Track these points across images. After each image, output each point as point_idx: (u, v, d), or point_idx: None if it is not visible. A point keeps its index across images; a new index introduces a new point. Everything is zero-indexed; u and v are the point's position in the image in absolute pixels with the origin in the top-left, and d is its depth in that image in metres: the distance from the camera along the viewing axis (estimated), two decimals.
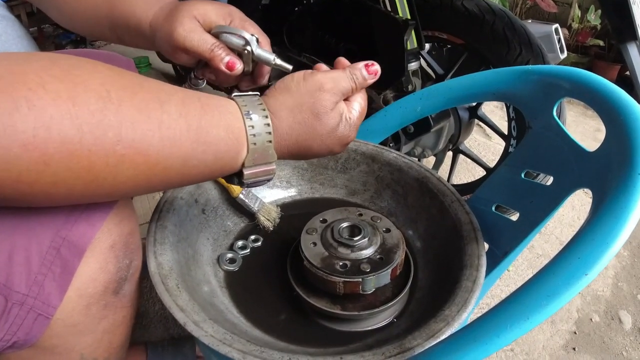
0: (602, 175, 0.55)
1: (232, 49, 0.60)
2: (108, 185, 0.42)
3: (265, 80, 0.67)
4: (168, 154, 0.43)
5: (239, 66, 0.60)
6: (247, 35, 0.59)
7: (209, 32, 0.60)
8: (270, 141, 0.49)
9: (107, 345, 0.60)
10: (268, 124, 0.49)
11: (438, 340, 0.52)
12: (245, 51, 0.60)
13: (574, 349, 1.24)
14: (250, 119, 0.48)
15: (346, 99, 0.55)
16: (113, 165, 0.40)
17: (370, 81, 0.56)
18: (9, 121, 0.35)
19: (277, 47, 1.35)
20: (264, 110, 0.49)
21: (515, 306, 0.42)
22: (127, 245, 0.56)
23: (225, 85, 0.66)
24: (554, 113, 0.67)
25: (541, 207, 0.64)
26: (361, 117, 0.56)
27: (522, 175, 0.70)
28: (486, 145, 2.02)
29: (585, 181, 0.59)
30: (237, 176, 0.51)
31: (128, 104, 0.41)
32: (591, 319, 1.35)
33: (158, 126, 0.42)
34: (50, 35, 2.97)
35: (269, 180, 0.53)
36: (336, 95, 0.52)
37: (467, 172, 1.82)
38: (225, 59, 0.59)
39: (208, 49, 0.59)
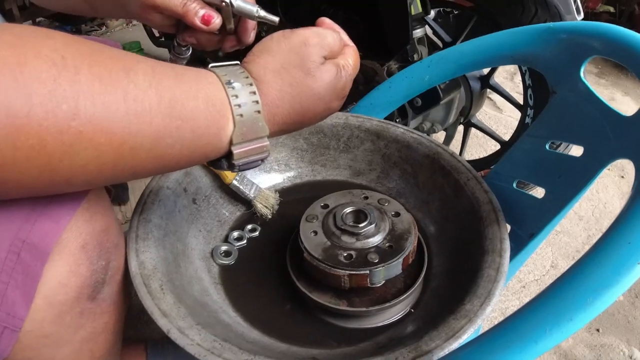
0: None
1: (209, 3, 0.53)
2: (65, 169, 0.36)
3: (251, 37, 0.60)
4: (135, 131, 0.37)
5: (216, 20, 0.53)
6: None
7: None
8: (258, 111, 0.42)
9: (89, 356, 0.54)
10: (254, 92, 0.42)
11: (460, 340, 0.45)
12: (223, 3, 0.52)
13: (597, 330, 1.18)
14: (233, 87, 0.41)
15: None
16: (69, 144, 0.34)
17: None
18: None
19: None
20: (247, 77, 0.43)
21: (555, 305, 0.35)
22: (101, 245, 0.49)
23: (209, 48, 0.59)
24: (582, 75, 0.59)
25: (571, 182, 0.56)
26: (355, 69, 0.50)
27: (547, 147, 0.62)
28: (497, 118, 1.93)
29: (623, 151, 0.51)
30: (225, 159, 0.44)
31: (86, 72, 0.34)
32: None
33: (123, 98, 0.36)
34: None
35: (262, 161, 0.46)
36: (323, 48, 0.46)
37: (478, 147, 1.74)
38: (199, 13, 0.52)
39: (180, 3, 0.52)
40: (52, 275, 0.45)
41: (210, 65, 0.44)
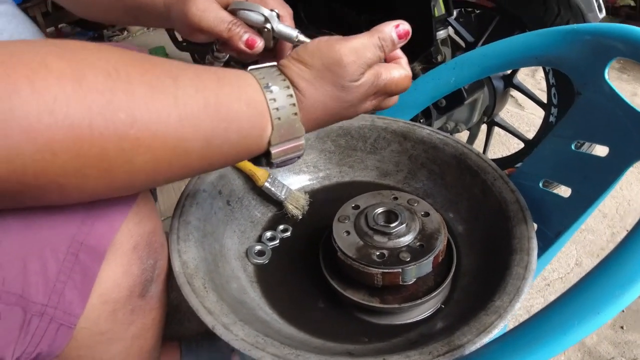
0: None
1: (251, 26, 0.55)
2: (124, 174, 0.38)
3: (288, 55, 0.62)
4: (188, 134, 0.39)
5: (259, 43, 0.55)
6: (266, 12, 0.54)
7: (226, 8, 0.56)
8: (295, 114, 0.44)
9: (138, 351, 0.57)
10: (291, 95, 0.44)
11: (490, 335, 0.47)
12: (265, 29, 0.55)
13: (622, 327, 1.17)
14: (271, 91, 0.43)
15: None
16: (128, 150, 0.36)
17: (400, 45, 0.49)
18: (8, 105, 0.31)
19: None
20: (284, 80, 0.44)
21: (583, 299, 0.37)
22: (150, 245, 0.52)
23: (247, 61, 0.61)
24: (606, 76, 0.60)
25: (597, 181, 0.57)
26: (401, 83, 0.50)
27: (573, 147, 0.63)
28: (519, 116, 1.92)
29: None
30: (264, 157, 0.47)
31: (138, 81, 0.37)
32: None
33: (174, 103, 0.38)
34: (68, 34, 2.98)
35: (299, 157, 0.48)
36: (361, 67, 0.45)
37: (501, 146, 1.73)
38: (244, 37, 0.54)
39: (225, 28, 0.54)
40: (106, 275, 0.48)
41: (249, 68, 0.45)
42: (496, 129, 1.37)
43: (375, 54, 0.46)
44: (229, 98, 0.41)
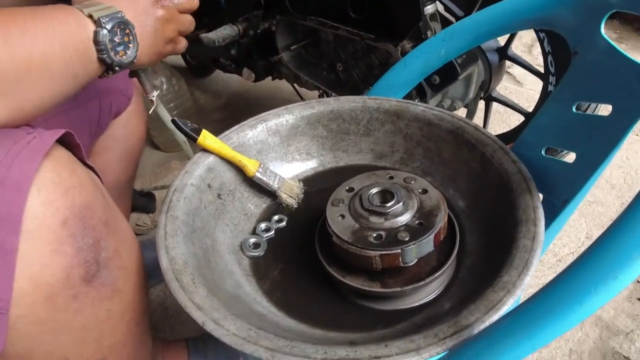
0: None
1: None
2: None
3: None
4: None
5: None
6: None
7: None
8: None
9: (95, 346, 0.53)
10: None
11: (499, 312, 0.44)
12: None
13: (639, 299, 1.14)
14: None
15: None
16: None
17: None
18: None
19: (281, 15, 1.26)
20: None
21: (598, 263, 0.33)
22: (84, 221, 0.48)
23: None
24: (602, 32, 0.57)
25: (602, 142, 0.54)
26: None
27: (574, 109, 0.60)
28: (518, 92, 1.89)
29: None
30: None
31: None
32: None
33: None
34: None
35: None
36: None
37: (501, 123, 1.70)
38: None
39: None
40: (32, 253, 0.44)
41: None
42: (495, 106, 1.34)
43: None
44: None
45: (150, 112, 0.74)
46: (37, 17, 0.47)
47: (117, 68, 0.54)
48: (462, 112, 1.30)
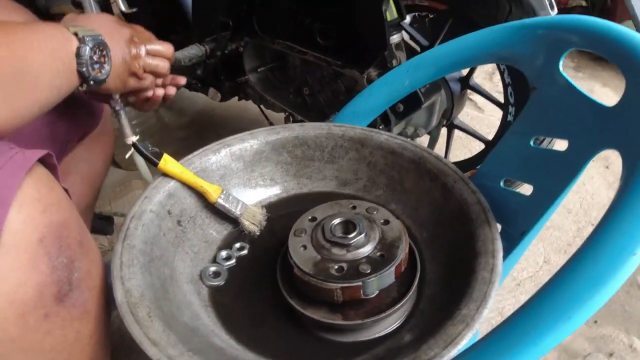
0: (630, 132, 0.47)
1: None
2: None
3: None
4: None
5: None
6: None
7: None
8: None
9: None
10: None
11: (458, 347, 0.44)
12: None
13: (595, 322, 1.17)
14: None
15: None
16: None
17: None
18: None
19: (249, 37, 1.27)
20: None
21: (552, 304, 0.34)
22: (60, 240, 0.48)
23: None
24: (560, 69, 0.59)
25: (558, 176, 0.56)
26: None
27: (532, 143, 0.61)
28: (479, 119, 1.94)
29: (608, 141, 0.51)
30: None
31: None
32: None
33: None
34: None
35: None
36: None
37: (463, 149, 1.74)
38: None
39: None
40: (10, 270, 0.44)
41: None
42: (457, 132, 1.37)
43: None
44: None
45: (126, 157, 0.75)
46: (33, 30, 0.53)
47: (91, 82, 0.60)
48: (425, 139, 1.33)
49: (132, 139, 0.72)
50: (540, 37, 0.60)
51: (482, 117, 1.96)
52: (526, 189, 0.61)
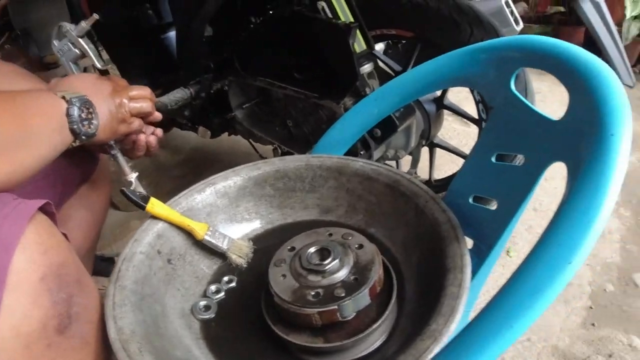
0: (573, 144, 0.51)
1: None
2: None
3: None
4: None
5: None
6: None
7: None
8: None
9: None
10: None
11: None
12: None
13: (593, 324, 1.19)
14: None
15: None
16: None
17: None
18: None
19: (232, 77, 1.32)
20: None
21: (496, 314, 0.37)
22: (60, 278, 0.54)
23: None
24: (512, 87, 0.63)
25: (516, 189, 0.59)
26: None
27: (493, 160, 0.65)
28: (466, 133, 1.98)
29: (558, 154, 0.54)
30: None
31: None
32: (605, 290, 1.29)
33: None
34: None
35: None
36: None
37: (451, 164, 1.77)
38: None
39: None
40: (16, 306, 0.49)
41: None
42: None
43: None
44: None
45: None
46: (31, 97, 0.61)
47: (83, 137, 0.67)
48: (407, 159, 1.37)
49: (132, 176, 0.79)
50: (489, 59, 0.64)
51: (469, 131, 2.01)
52: (493, 204, 0.65)
